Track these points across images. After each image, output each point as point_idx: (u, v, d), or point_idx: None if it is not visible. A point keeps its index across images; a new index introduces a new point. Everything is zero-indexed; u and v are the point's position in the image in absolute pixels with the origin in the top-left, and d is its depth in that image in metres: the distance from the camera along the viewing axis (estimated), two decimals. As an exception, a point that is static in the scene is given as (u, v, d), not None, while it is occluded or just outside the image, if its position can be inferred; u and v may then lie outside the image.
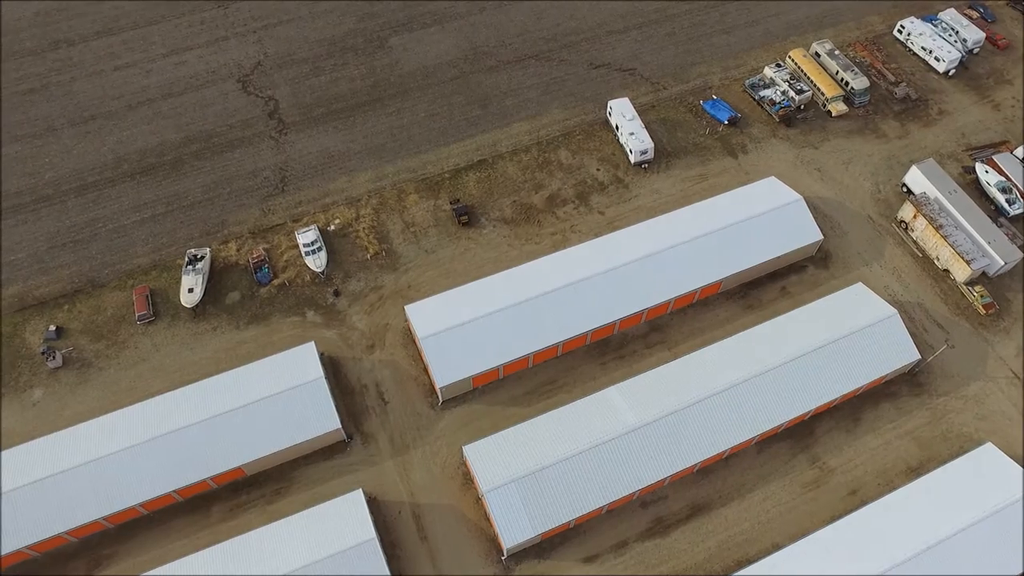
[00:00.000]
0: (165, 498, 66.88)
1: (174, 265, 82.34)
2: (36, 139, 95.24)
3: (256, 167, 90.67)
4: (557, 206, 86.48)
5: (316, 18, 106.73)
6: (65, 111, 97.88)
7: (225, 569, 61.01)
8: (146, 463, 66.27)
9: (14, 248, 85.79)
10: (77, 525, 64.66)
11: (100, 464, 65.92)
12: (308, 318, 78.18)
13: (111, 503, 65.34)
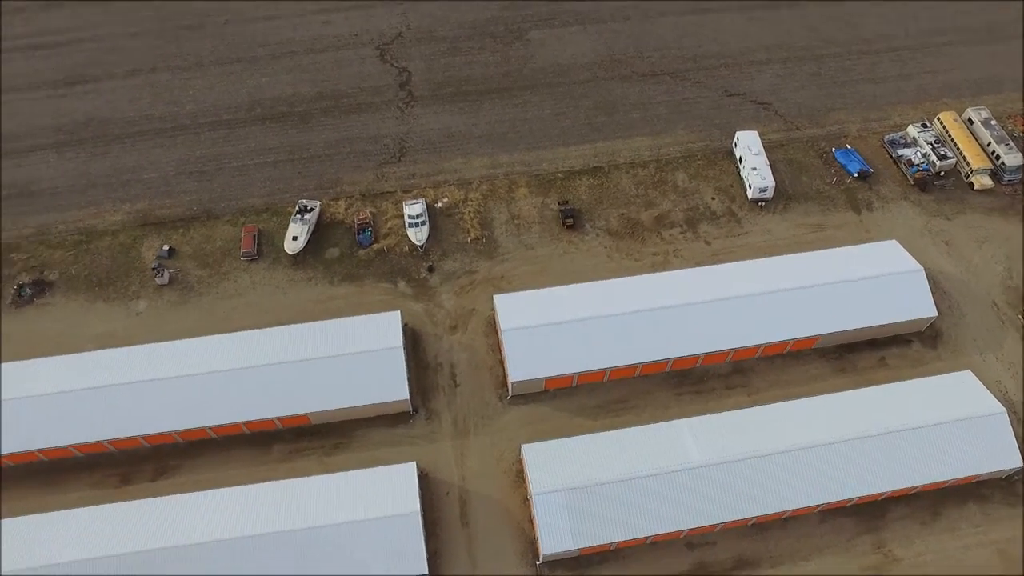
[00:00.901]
0: (234, 427, 70.75)
1: (284, 212, 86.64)
2: (184, 72, 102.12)
3: (378, 133, 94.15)
4: (664, 227, 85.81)
5: (460, 2, 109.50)
6: (215, 50, 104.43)
7: (274, 505, 64.00)
8: (223, 390, 70.15)
9: (147, 167, 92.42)
10: (153, 432, 69.58)
11: (184, 382, 70.33)
12: (399, 288, 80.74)
13: (185, 420, 69.72)
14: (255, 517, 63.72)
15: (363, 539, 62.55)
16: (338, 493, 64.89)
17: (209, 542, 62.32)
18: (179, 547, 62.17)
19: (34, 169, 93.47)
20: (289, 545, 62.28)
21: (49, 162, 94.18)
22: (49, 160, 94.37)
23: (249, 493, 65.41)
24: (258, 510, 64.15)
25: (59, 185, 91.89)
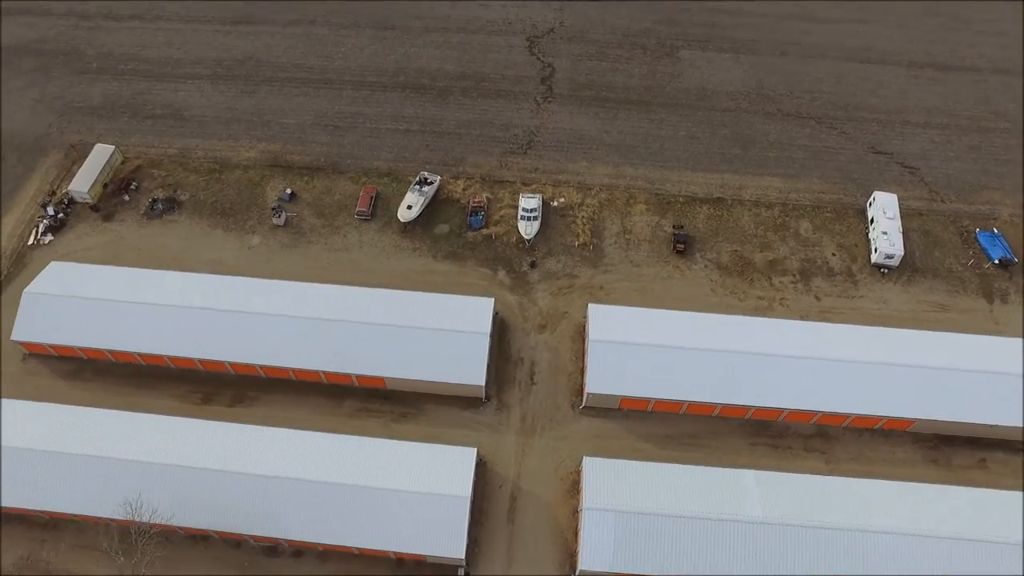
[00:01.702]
0: (313, 374, 74.21)
1: (405, 180, 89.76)
2: (341, 29, 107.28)
3: (510, 122, 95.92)
4: (776, 272, 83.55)
5: (620, 6, 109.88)
6: (374, 14, 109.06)
7: (334, 457, 66.70)
8: (312, 337, 73.58)
9: (288, 113, 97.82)
10: (241, 361, 73.95)
11: (277, 321, 74.21)
12: (498, 276, 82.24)
13: (271, 356, 73.66)
14: (314, 463, 66.47)
15: (410, 511, 64.21)
16: (397, 460, 66.89)
17: (267, 476, 65.53)
18: (239, 474, 65.70)
19: (189, 96, 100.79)
20: (340, 498, 64.73)
21: (203, 91, 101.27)
22: (203, 90, 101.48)
23: (313, 439, 68.40)
24: (318, 457, 66.94)
25: (207, 114, 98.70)
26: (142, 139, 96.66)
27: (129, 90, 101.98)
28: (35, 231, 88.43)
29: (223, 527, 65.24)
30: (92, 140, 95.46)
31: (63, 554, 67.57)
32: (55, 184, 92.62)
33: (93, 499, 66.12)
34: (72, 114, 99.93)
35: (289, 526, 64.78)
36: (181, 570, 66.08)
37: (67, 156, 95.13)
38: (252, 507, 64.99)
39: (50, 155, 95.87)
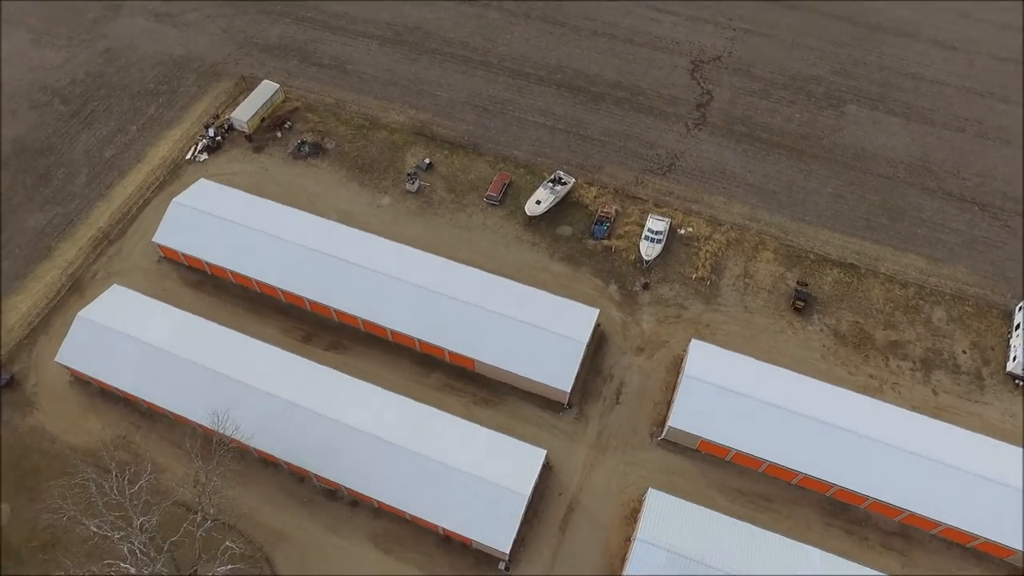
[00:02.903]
0: (409, 340, 76.91)
1: (540, 174, 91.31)
2: (512, 16, 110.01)
3: (656, 141, 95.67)
4: (895, 355, 79.51)
5: (794, 48, 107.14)
6: (546, 7, 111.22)
7: (411, 423, 69.08)
8: (416, 304, 76.32)
9: (443, 86, 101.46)
10: (347, 311, 77.59)
11: (389, 281, 77.44)
12: (608, 289, 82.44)
13: (374, 313, 76.94)
14: (392, 424, 69.15)
15: (469, 494, 65.74)
16: (468, 442, 68.51)
17: (347, 425, 68.75)
18: (322, 416, 69.27)
19: (356, 52, 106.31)
20: (408, 463, 67.04)
21: (370, 50, 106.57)
22: (371, 49, 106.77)
23: (396, 401, 71.07)
24: (397, 420, 69.59)
25: (368, 73, 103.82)
26: (305, 84, 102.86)
27: (304, 36, 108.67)
28: (194, 148, 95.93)
29: (294, 460, 68.99)
30: (261, 75, 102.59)
31: (151, 443, 73.54)
32: (220, 109, 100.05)
33: (188, 401, 71.59)
34: (249, 48, 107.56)
35: (354, 476, 67.78)
36: (248, 488, 70.54)
37: (236, 86, 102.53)
38: (325, 449, 68.44)
39: (222, 82, 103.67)
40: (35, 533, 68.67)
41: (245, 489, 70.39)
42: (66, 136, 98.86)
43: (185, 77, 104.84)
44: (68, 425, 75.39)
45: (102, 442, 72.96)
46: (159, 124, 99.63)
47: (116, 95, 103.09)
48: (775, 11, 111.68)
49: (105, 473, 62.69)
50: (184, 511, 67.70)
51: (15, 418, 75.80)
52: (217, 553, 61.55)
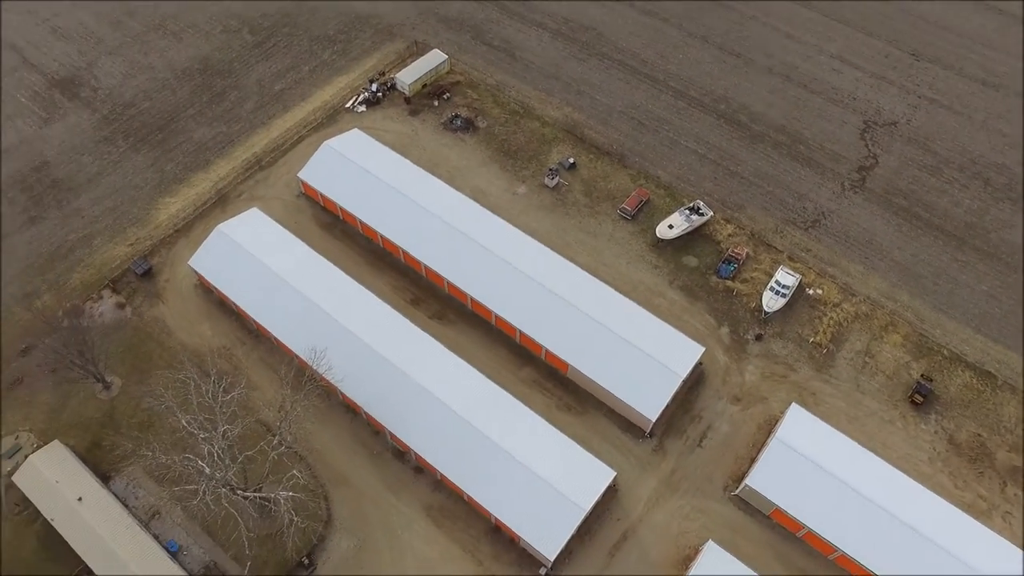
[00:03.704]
0: (511, 328, 77.94)
1: (678, 199, 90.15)
2: (689, 37, 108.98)
3: (806, 194, 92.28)
4: (1014, 482, 73.14)
5: (984, 130, 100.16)
6: (727, 34, 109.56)
7: (492, 408, 70.15)
8: (526, 296, 77.29)
9: (603, 91, 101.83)
10: (460, 287, 79.50)
11: (505, 267, 78.76)
12: (720, 331, 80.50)
13: (485, 295, 78.41)
14: (475, 406, 70.38)
15: (531, 493, 66.25)
16: (542, 443, 68.85)
17: (433, 395, 70.63)
18: (412, 380, 71.52)
19: (527, 40, 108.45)
20: (480, 448, 68.28)
21: (542, 41, 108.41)
22: (542, 40, 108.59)
23: (485, 386, 72.16)
24: (482, 403, 70.77)
25: (535, 62, 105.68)
26: (472, 60, 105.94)
27: (482, 15, 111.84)
28: (355, 98, 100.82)
29: (373, 413, 71.59)
30: (432, 44, 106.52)
31: (251, 361, 78.39)
32: (388, 68, 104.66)
33: (291, 332, 75.65)
34: (428, 16, 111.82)
35: (426, 444, 69.63)
36: (325, 427, 74.00)
37: (407, 48, 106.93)
38: (405, 411, 70.71)
39: (395, 42, 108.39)
40: (136, 412, 74.76)
41: (322, 427, 73.83)
42: (246, 64, 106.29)
43: (362, 31, 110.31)
44: (184, 324, 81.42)
45: (209, 348, 78.42)
46: (329, 70, 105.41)
47: (298, 35, 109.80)
48: (972, 87, 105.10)
49: (205, 376, 67.26)
50: (264, 431, 71.85)
51: (143, 305, 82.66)
52: (283, 478, 64.93)
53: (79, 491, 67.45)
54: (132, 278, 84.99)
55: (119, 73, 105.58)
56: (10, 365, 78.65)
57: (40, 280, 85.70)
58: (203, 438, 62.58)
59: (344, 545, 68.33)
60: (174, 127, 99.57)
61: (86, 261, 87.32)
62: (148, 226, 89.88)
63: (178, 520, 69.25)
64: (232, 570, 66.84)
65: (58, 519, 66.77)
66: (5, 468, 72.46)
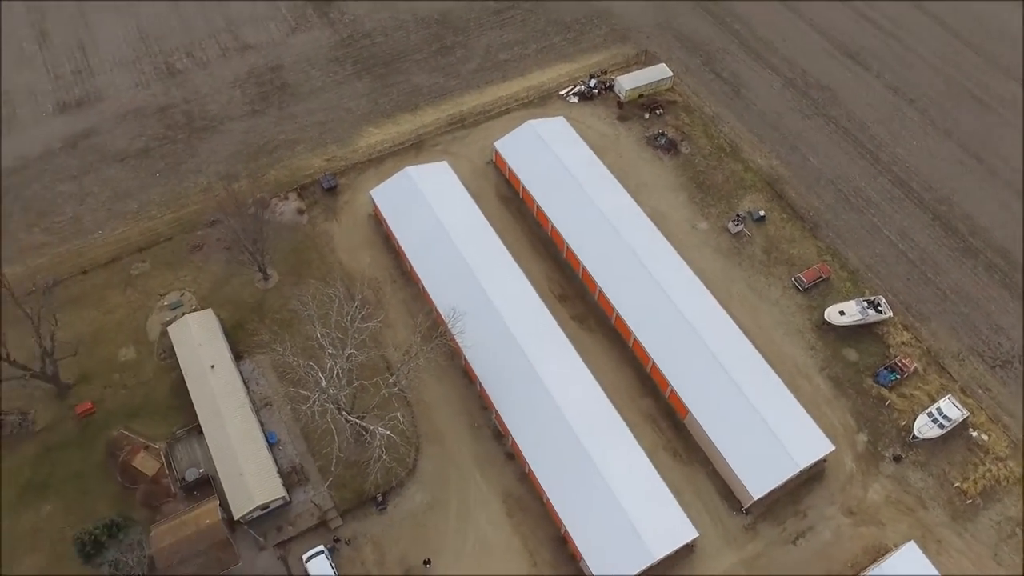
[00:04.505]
0: (645, 356, 77.27)
1: (860, 289, 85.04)
2: (933, 129, 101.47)
3: (1007, 328, 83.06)
4: None
5: None
6: (972, 138, 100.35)
7: (602, 432, 70.18)
8: (673, 331, 76.29)
9: (818, 154, 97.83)
10: (610, 299, 79.88)
11: (660, 296, 78.10)
12: (856, 437, 75.17)
13: (632, 315, 78.19)
14: (588, 424, 70.25)
15: (606, 520, 65.97)
16: (636, 478, 67.94)
17: (552, 396, 71.33)
18: (536, 374, 72.59)
19: (757, 80, 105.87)
20: (577, 465, 68.34)
21: (771, 87, 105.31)
22: (772, 85, 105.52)
23: (598, 399, 72.00)
24: (588, 415, 70.83)
25: (757, 105, 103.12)
26: (695, 85, 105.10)
27: (720, 43, 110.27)
28: (570, 88, 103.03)
29: (487, 389, 73.73)
30: (661, 58, 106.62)
31: (394, 300, 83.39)
32: (611, 68, 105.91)
33: (439, 286, 79.54)
34: (666, 29, 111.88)
35: (524, 436, 70.93)
36: (440, 385, 77.31)
37: (636, 55, 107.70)
38: (516, 398, 72.33)
39: (626, 46, 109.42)
40: (282, 309, 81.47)
41: (437, 383, 77.09)
42: (481, 27, 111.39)
43: (598, 27, 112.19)
44: (348, 246, 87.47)
45: (362, 275, 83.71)
46: (555, 54, 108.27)
47: (536, 14, 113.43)
48: None
49: (349, 299, 72.07)
50: (384, 367, 76.09)
51: (319, 217, 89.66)
52: (387, 416, 68.36)
53: (214, 359, 74.53)
54: (318, 190, 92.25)
55: (368, 5, 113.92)
56: (195, 232, 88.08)
57: (243, 166, 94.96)
58: (330, 353, 67.12)
59: (418, 498, 71.23)
60: (398, 66, 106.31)
61: (285, 162, 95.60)
62: (347, 148, 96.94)
63: (284, 417, 74.95)
64: (313, 479, 71.57)
65: (190, 376, 74.25)
66: (165, 317, 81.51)
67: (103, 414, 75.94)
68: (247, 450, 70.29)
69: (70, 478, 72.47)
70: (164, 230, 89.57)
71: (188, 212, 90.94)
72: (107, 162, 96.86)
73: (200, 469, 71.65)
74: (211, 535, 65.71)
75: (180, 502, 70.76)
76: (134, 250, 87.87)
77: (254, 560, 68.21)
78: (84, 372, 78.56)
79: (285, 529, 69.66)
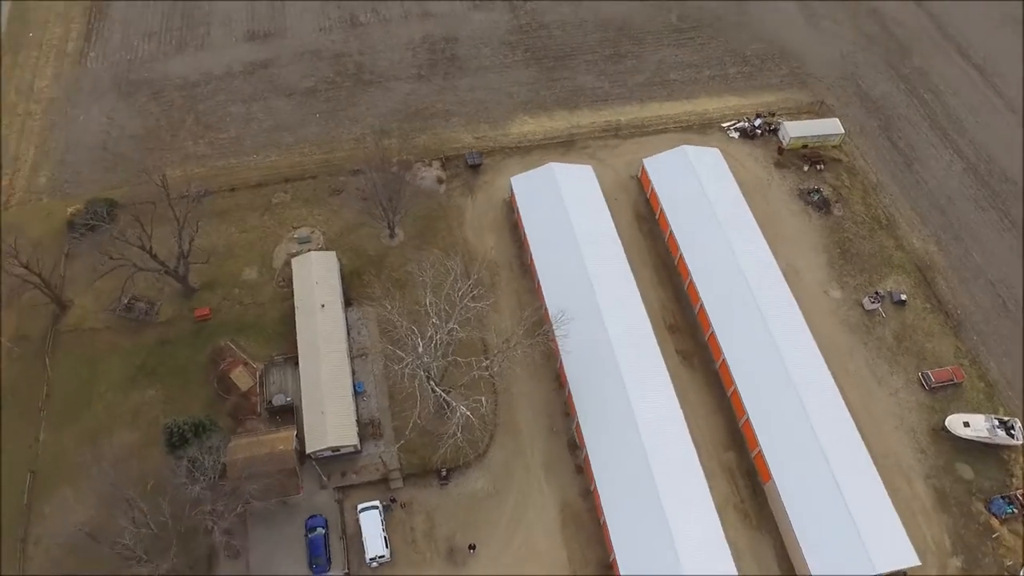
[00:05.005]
0: (741, 410, 75.04)
1: (995, 404, 78.69)
2: None
3: None
4: None
5: None
6: None
7: (676, 467, 68.44)
8: (774, 393, 73.29)
9: (984, 253, 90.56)
10: (718, 338, 77.98)
11: (774, 356, 75.10)
12: (949, 558, 69.35)
13: (740, 367, 75.96)
14: (661, 451, 68.99)
15: (654, 558, 64.59)
16: (701, 530, 65.84)
17: (631, 415, 70.50)
18: (623, 391, 71.86)
19: (937, 159, 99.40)
20: (637, 490, 67.38)
21: (948, 169, 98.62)
22: (951, 168, 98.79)
23: (682, 442, 70.10)
24: (668, 453, 69.09)
25: (928, 183, 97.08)
26: (865, 148, 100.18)
27: (904, 109, 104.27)
28: (733, 123, 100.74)
29: (576, 399, 73.57)
30: (836, 112, 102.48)
31: (508, 288, 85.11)
32: (780, 111, 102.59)
33: (553, 280, 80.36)
34: (850, 83, 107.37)
35: (599, 456, 70.31)
36: (530, 381, 78.03)
37: (811, 104, 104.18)
38: (601, 414, 71.84)
39: (802, 92, 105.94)
40: (399, 269, 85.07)
41: (528, 379, 77.90)
42: (658, 41, 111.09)
43: (778, 67, 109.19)
44: (476, 225, 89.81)
45: (483, 256, 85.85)
46: (726, 84, 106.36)
47: (717, 40, 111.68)
48: None
49: (465, 277, 73.88)
50: (481, 350, 77.74)
51: (456, 190, 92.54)
52: (471, 397, 69.71)
53: (326, 299, 78.33)
54: (461, 164, 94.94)
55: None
56: (338, 176, 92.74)
57: (396, 125, 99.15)
58: (433, 323, 69.03)
59: (479, 484, 72.36)
60: (567, 62, 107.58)
61: (437, 130, 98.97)
62: (498, 130, 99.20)
63: (375, 371, 77.97)
64: (387, 436, 74.11)
65: (301, 310, 78.41)
66: (292, 249, 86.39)
67: (216, 323, 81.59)
68: (334, 392, 73.47)
69: (175, 372, 78.43)
70: (311, 168, 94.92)
71: (336, 156, 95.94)
72: (276, 94, 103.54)
73: (287, 397, 75.61)
74: (281, 461, 69.31)
75: (262, 422, 75.04)
76: (280, 180, 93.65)
77: (313, 496, 71.42)
78: (210, 280, 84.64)
79: (349, 476, 72.48)
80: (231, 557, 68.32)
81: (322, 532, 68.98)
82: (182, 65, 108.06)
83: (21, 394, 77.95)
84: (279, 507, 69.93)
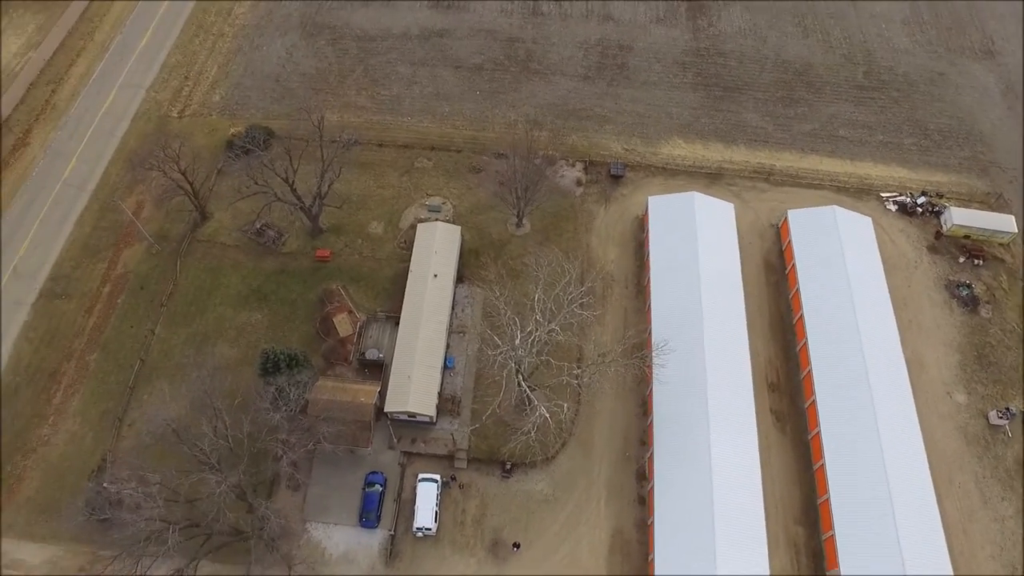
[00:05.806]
0: (823, 488, 72.16)
1: None
2: None
3: None
4: None
5: None
6: None
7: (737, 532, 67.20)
8: (867, 495, 69.75)
9: None
10: (817, 409, 75.09)
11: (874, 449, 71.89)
12: None
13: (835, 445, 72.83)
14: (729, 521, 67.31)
15: None
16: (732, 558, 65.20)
17: (704, 459, 69.75)
18: (704, 432, 71.00)
19: None
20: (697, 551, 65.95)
21: None
22: None
23: (755, 511, 68.40)
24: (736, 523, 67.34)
25: None
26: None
27: None
28: (894, 195, 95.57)
29: (656, 432, 73.03)
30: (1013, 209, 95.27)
31: (618, 303, 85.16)
32: (948, 194, 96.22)
33: (665, 311, 79.70)
34: None
35: (662, 494, 69.53)
36: (616, 399, 78.14)
37: (987, 195, 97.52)
38: (678, 452, 71.19)
39: (981, 180, 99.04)
40: (517, 258, 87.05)
41: (614, 397, 78.09)
42: (835, 94, 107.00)
43: (961, 147, 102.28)
44: (602, 233, 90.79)
45: (600, 265, 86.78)
46: (897, 153, 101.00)
47: (901, 105, 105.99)
48: None
49: (579, 283, 74.27)
50: (575, 357, 78.92)
51: (592, 196, 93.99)
52: (554, 401, 70.17)
53: (440, 270, 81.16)
54: (604, 172, 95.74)
55: (738, 27, 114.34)
56: (482, 156, 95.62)
57: (550, 120, 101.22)
58: (536, 320, 69.99)
59: (540, 487, 73.30)
60: (736, 96, 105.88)
61: (588, 133, 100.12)
62: (649, 147, 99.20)
63: (469, 351, 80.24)
64: (463, 416, 76.20)
65: (414, 275, 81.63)
66: (420, 214, 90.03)
67: (333, 266, 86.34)
68: (425, 361, 76.16)
69: (285, 302, 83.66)
70: (458, 142, 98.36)
71: (485, 136, 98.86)
72: (445, 64, 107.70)
73: (380, 353, 79.05)
74: (360, 412, 72.68)
75: (351, 370, 78.81)
76: (426, 147, 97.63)
77: (380, 454, 74.54)
78: (337, 225, 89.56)
79: (418, 444, 75.07)
80: (291, 488, 72.45)
81: (379, 490, 71.93)
82: (365, 18, 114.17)
83: (150, 287, 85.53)
84: (346, 455, 73.31)
